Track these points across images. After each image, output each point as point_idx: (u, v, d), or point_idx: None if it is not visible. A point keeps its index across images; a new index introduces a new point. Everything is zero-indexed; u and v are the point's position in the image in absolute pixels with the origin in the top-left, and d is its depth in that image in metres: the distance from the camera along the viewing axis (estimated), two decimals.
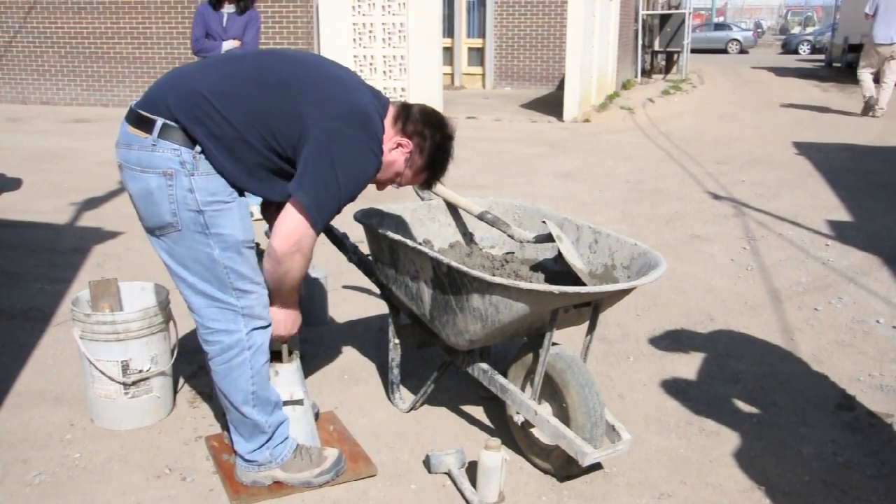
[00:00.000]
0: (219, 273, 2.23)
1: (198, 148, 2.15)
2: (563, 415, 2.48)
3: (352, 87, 2.27)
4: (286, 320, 2.43)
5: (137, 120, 2.17)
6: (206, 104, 2.13)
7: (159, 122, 2.14)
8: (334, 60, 2.42)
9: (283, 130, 2.16)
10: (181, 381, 3.18)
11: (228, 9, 5.54)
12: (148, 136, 2.14)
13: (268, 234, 2.64)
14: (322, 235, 3.09)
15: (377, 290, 3.23)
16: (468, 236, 3.19)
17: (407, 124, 2.32)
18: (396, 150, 2.32)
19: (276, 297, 2.37)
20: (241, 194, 2.27)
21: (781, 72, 20.00)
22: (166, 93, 2.18)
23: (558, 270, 2.87)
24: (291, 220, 2.16)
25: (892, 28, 10.23)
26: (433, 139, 2.34)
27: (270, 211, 2.59)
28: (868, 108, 10.85)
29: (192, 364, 3.26)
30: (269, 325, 2.37)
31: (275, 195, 2.27)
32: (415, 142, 2.33)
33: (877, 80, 10.88)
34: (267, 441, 2.41)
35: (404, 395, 3.09)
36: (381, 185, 2.43)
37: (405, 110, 2.35)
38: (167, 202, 2.15)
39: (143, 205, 2.20)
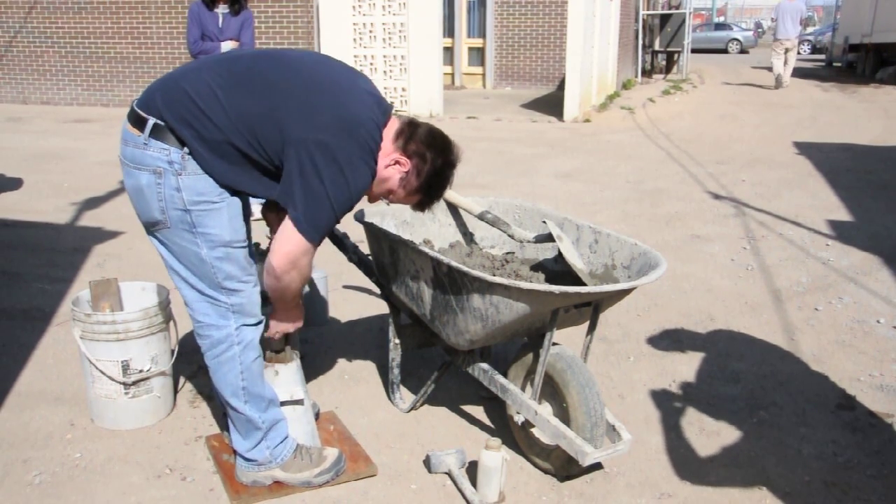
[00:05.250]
0: (207, 271, 2.25)
1: (186, 149, 2.14)
2: (563, 415, 2.48)
3: (347, 92, 2.17)
4: (291, 321, 2.47)
5: (134, 118, 2.19)
6: (192, 106, 2.12)
7: (151, 121, 2.15)
8: (341, 62, 2.32)
9: (266, 137, 2.10)
10: (181, 380, 3.18)
11: (222, 9, 5.52)
12: (141, 134, 2.15)
13: (269, 236, 2.64)
14: None
15: (377, 290, 3.23)
16: (468, 236, 3.19)
17: (409, 143, 2.23)
18: (393, 167, 2.24)
19: (278, 306, 2.39)
20: (235, 194, 2.24)
21: None
22: (158, 92, 2.19)
23: (558, 270, 2.87)
24: (288, 238, 2.13)
25: (790, 28, 14.54)
26: (434, 163, 2.25)
27: (270, 215, 2.58)
28: (778, 84, 15.15)
29: (192, 364, 3.26)
30: (259, 323, 2.38)
31: (269, 194, 2.23)
32: (413, 162, 2.23)
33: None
34: (262, 438, 2.41)
35: (404, 395, 3.09)
36: (372, 198, 2.37)
37: (410, 128, 2.25)
38: (156, 200, 2.17)
39: (136, 201, 2.23)
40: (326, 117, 2.09)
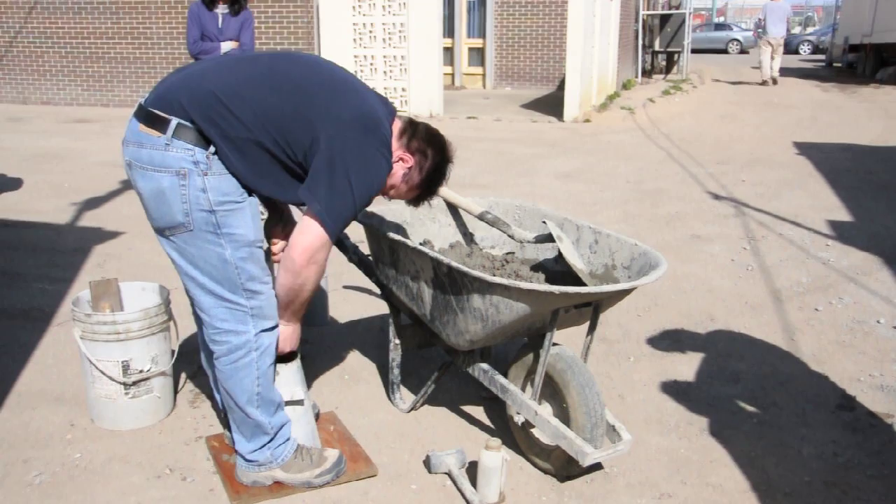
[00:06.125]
0: (230, 273, 2.23)
1: (212, 148, 2.14)
2: (563, 415, 2.48)
3: (362, 91, 2.28)
4: (291, 336, 2.45)
5: (150, 118, 2.15)
6: (219, 105, 2.13)
7: (174, 121, 2.12)
8: (340, 65, 2.41)
9: (294, 135, 2.15)
10: (182, 381, 3.18)
11: (222, 9, 5.51)
12: (162, 135, 2.12)
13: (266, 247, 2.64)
14: None
15: (377, 291, 3.23)
16: (468, 236, 3.19)
17: (412, 140, 2.34)
18: (398, 164, 2.34)
19: (286, 310, 2.36)
20: (250, 194, 2.26)
21: (781, 72, 19.96)
22: (180, 92, 2.16)
23: (559, 270, 2.87)
24: (309, 232, 2.17)
25: (778, 27, 15.31)
26: (434, 160, 2.37)
27: (275, 229, 2.61)
28: (765, 82, 15.99)
29: (192, 364, 3.26)
30: (276, 327, 2.37)
31: (286, 197, 2.28)
32: (416, 159, 2.35)
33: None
34: (268, 442, 2.42)
35: (405, 396, 3.09)
36: None
37: (412, 126, 2.37)
38: (179, 202, 2.14)
39: (155, 204, 2.18)
40: (351, 113, 2.18)
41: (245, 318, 2.29)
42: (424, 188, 2.43)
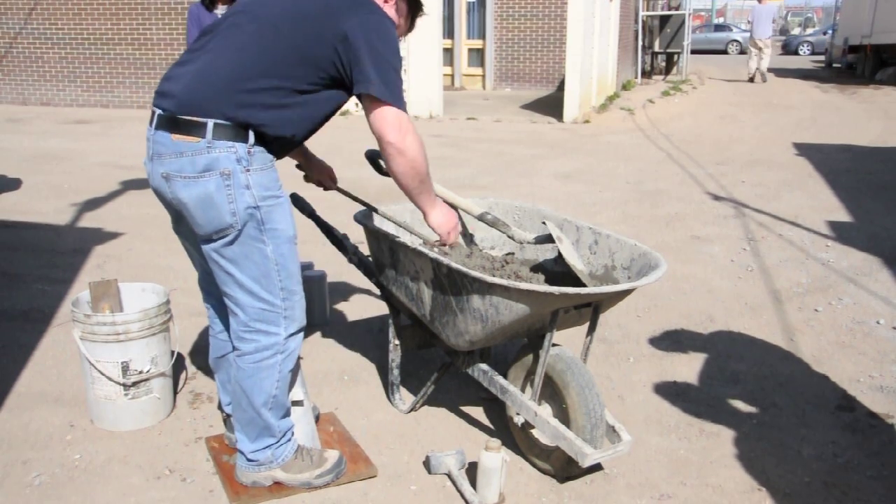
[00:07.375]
0: (269, 271, 2.24)
1: (251, 140, 2.15)
2: (563, 416, 2.48)
3: None
4: (446, 220, 2.45)
5: (182, 125, 2.13)
6: (244, 86, 2.13)
7: (210, 122, 2.12)
8: None
9: (317, 56, 2.15)
10: (181, 381, 3.18)
11: (222, 10, 5.51)
12: (201, 139, 2.11)
13: None
14: (322, 236, 3.08)
15: (377, 291, 3.23)
16: (468, 237, 3.19)
17: None
18: (387, 6, 2.34)
19: (420, 193, 2.34)
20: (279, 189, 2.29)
21: (781, 73, 20.00)
22: (203, 91, 2.14)
23: (558, 271, 2.87)
24: (385, 115, 2.17)
25: (764, 29, 15.99)
26: None
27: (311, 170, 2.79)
28: (751, 79, 16.84)
29: (192, 365, 3.26)
30: (302, 330, 2.39)
31: (339, 107, 2.31)
32: None
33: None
34: (274, 444, 2.42)
35: (404, 396, 3.09)
36: None
37: None
38: (226, 202, 2.14)
39: (202, 211, 2.16)
40: (341, 3, 2.17)
41: (278, 320, 2.30)
42: (413, 8, 2.44)
